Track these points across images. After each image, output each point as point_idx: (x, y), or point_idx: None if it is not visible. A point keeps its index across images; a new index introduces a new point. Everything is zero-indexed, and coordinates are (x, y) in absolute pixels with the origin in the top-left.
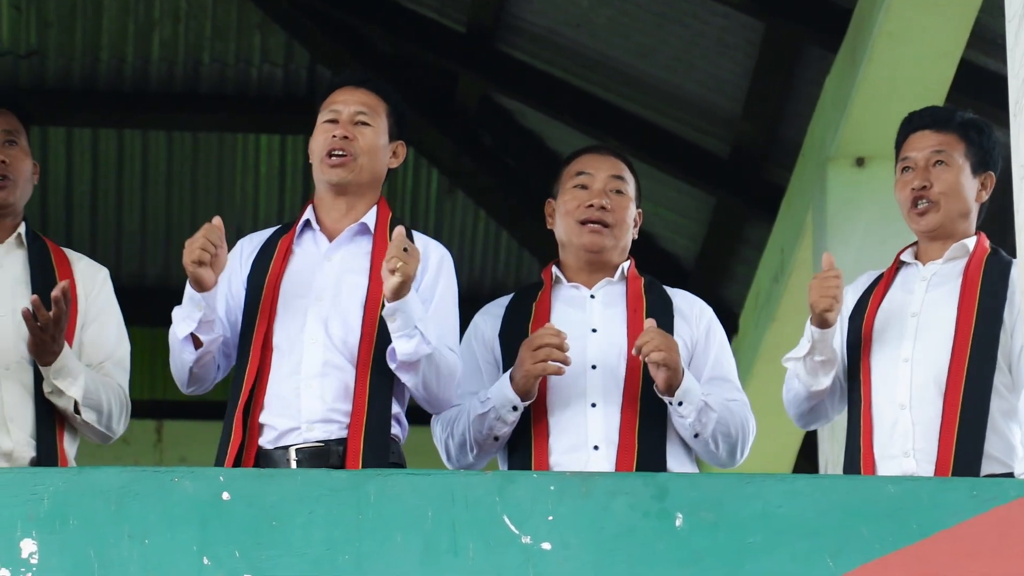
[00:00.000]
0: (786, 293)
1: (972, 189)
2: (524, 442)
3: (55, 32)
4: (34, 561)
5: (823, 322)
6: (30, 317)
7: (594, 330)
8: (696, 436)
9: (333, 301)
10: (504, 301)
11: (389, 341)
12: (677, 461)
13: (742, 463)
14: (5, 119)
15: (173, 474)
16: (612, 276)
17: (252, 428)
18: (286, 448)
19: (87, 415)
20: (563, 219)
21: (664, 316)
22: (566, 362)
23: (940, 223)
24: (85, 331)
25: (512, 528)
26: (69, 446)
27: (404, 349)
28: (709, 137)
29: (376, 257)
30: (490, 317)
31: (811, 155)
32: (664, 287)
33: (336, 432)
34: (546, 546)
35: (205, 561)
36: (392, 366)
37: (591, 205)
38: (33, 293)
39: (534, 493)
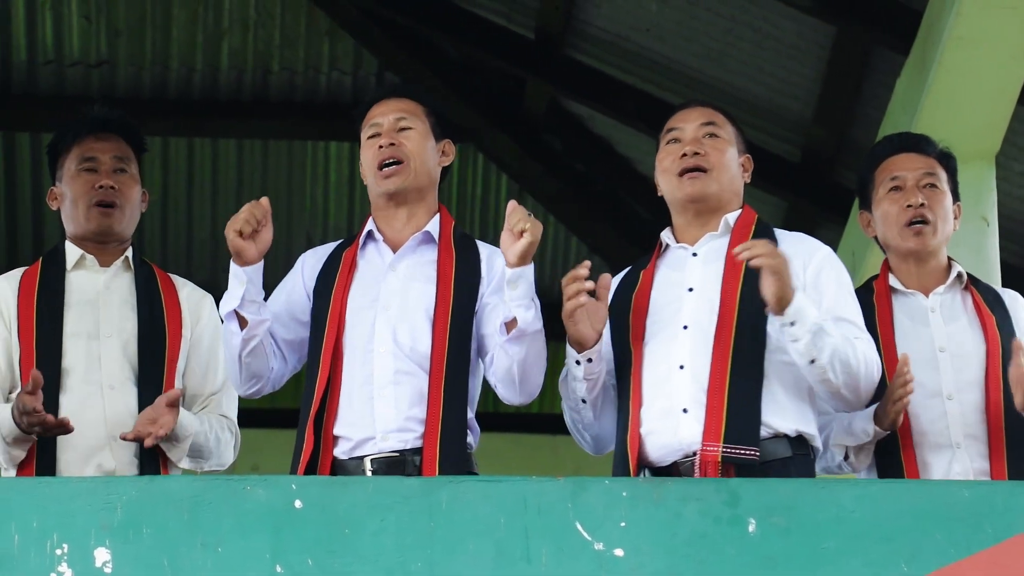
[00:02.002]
0: None
1: (952, 218)
2: (624, 408)
3: (125, 42)
4: (108, 570)
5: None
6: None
7: (690, 289)
8: (812, 362)
9: (400, 309)
10: (621, 275)
11: (460, 347)
12: (780, 419)
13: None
14: (116, 145)
15: (245, 482)
16: (716, 230)
17: (326, 439)
18: (361, 458)
19: (188, 464)
20: (663, 178)
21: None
22: (580, 304)
23: (936, 246)
24: (196, 364)
25: (585, 535)
26: (173, 466)
27: (525, 317)
28: (780, 141)
29: (442, 265)
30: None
31: None
32: (778, 232)
33: (412, 442)
34: (619, 552)
35: (278, 569)
36: (501, 339)
37: (684, 154)
38: (139, 315)
39: (606, 499)
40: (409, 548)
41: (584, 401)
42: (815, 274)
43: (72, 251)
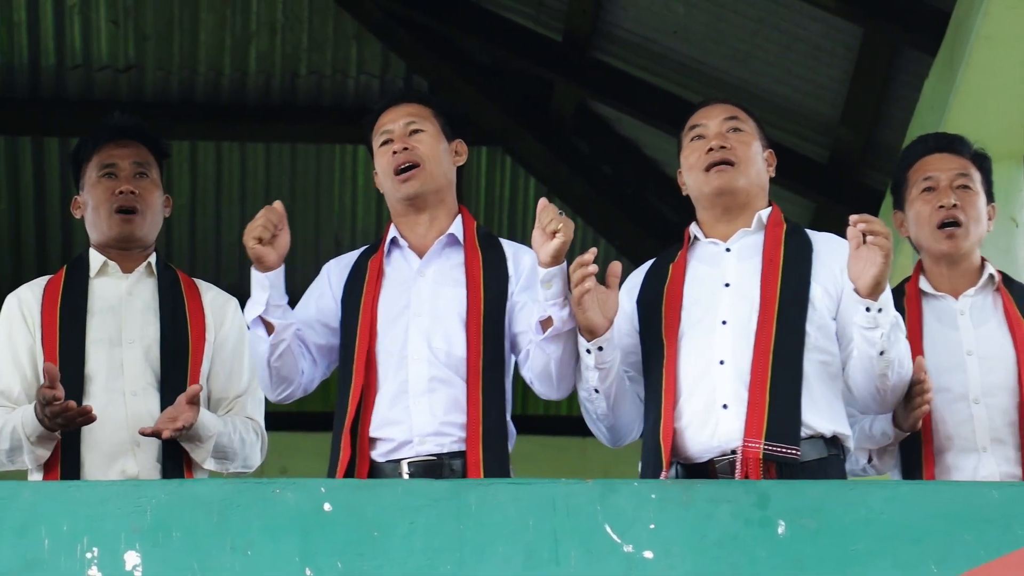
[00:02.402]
0: None
1: (986, 219)
2: (654, 402)
3: (153, 46)
4: (138, 573)
5: None
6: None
7: (727, 284)
8: (882, 353)
9: (432, 315)
10: (644, 267)
11: (495, 349)
12: (817, 416)
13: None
14: (136, 151)
15: (275, 485)
16: (749, 226)
17: (362, 444)
18: (398, 461)
19: (214, 466)
20: (689, 174)
21: (802, 264)
22: (586, 290)
23: (968, 248)
24: (220, 367)
25: (614, 537)
26: (198, 469)
27: (560, 316)
28: (807, 142)
29: (470, 267)
30: (628, 285)
31: None
32: (809, 232)
33: (448, 445)
34: (648, 555)
35: (307, 572)
36: (537, 338)
37: (710, 149)
38: (161, 321)
39: (636, 501)
40: (438, 550)
41: (597, 391)
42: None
43: (95, 258)
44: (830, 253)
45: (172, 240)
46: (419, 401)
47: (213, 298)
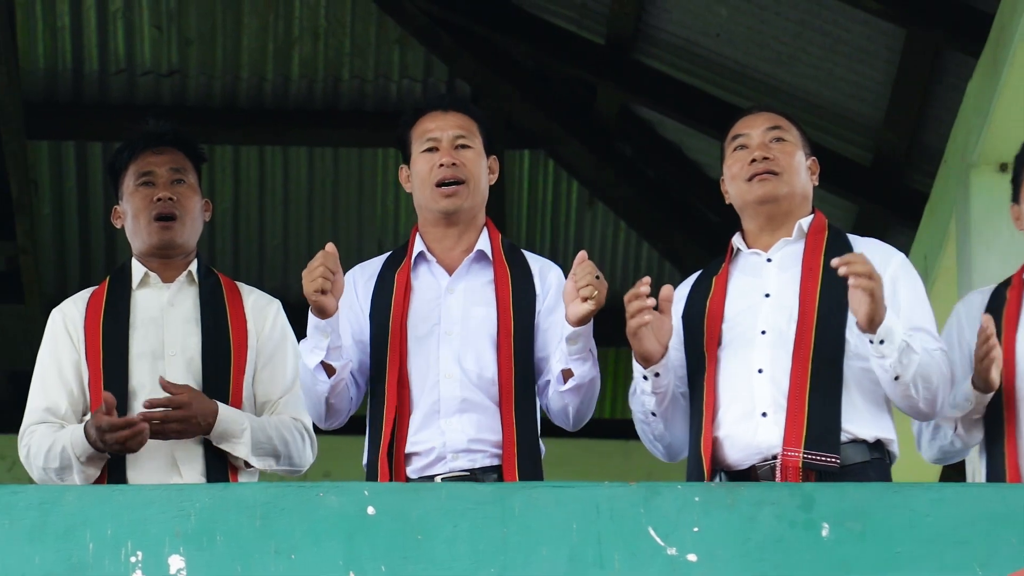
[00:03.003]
0: (930, 300)
1: None
2: (696, 412)
3: (196, 51)
4: None
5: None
6: (154, 404)
7: (767, 295)
8: (896, 379)
9: (463, 335)
10: (690, 281)
11: (524, 370)
12: (859, 424)
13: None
14: (172, 157)
15: (318, 489)
16: (790, 235)
17: (397, 465)
18: (431, 477)
19: (260, 464)
20: (733, 184)
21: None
22: (644, 323)
23: None
24: (263, 369)
25: (658, 540)
26: (244, 480)
27: (581, 371)
28: (850, 145)
29: (500, 286)
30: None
31: (954, 161)
32: (851, 237)
33: (480, 460)
34: (692, 557)
35: (351, 575)
36: (558, 386)
37: (753, 160)
38: (203, 331)
39: (679, 504)
40: (482, 554)
41: (654, 414)
42: (892, 282)
43: (137, 269)
44: (871, 259)
45: (215, 245)
46: (450, 421)
47: (255, 301)
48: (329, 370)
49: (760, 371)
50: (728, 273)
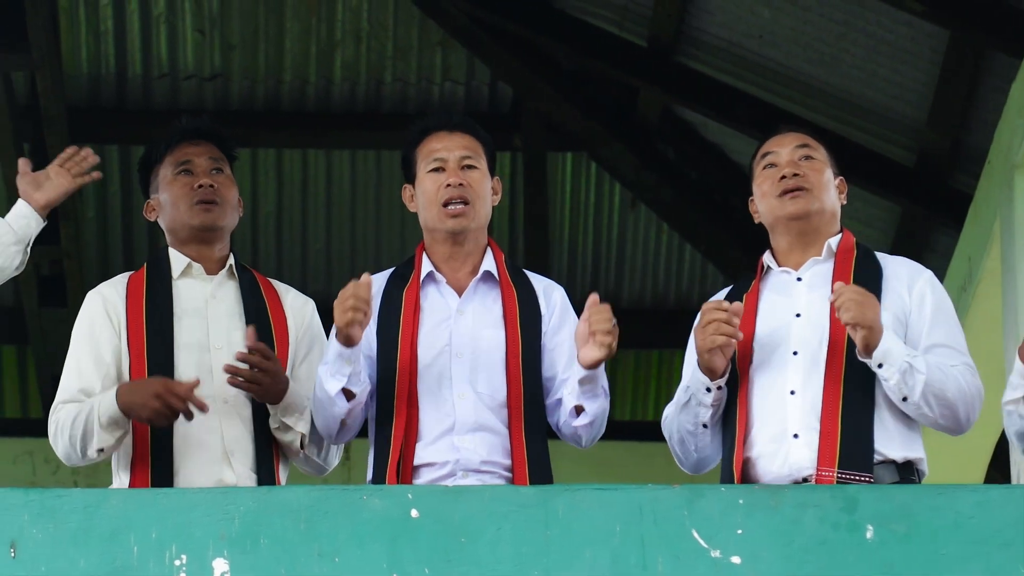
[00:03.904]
0: (974, 302)
1: None
2: (729, 431)
3: (239, 55)
4: None
5: None
6: (246, 357)
7: (798, 315)
8: (904, 400)
9: (473, 357)
10: (719, 297)
11: (534, 390)
12: (891, 444)
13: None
14: (209, 149)
15: (362, 492)
16: (820, 254)
17: (404, 479)
18: None
19: (310, 450)
20: (763, 201)
21: (872, 291)
22: (734, 335)
23: None
24: (299, 367)
25: (701, 542)
26: (283, 476)
27: (592, 407)
28: (894, 146)
29: (507, 307)
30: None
31: (998, 162)
32: (880, 256)
33: (489, 481)
34: (736, 560)
35: None
36: (572, 422)
37: (783, 177)
38: (247, 325)
39: (723, 506)
40: (525, 556)
41: (705, 426)
42: (919, 298)
43: (178, 259)
44: (897, 277)
45: (258, 248)
46: (464, 439)
47: (293, 300)
48: (348, 395)
49: (792, 392)
50: (758, 291)
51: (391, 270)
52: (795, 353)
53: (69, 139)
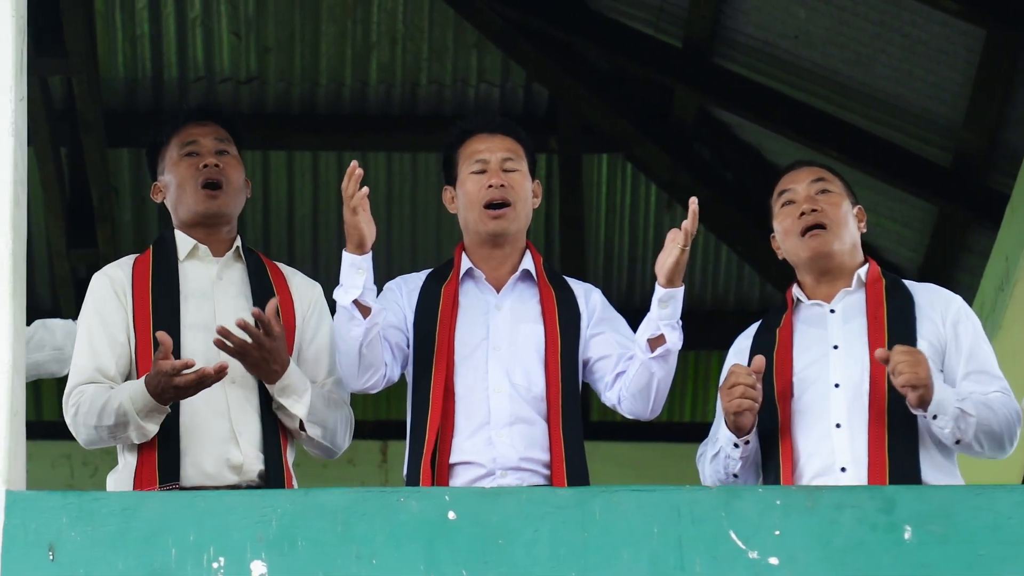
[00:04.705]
0: (1012, 302)
1: None
2: (772, 466)
3: (274, 58)
4: None
5: None
6: (247, 326)
7: (835, 347)
8: (958, 443)
9: (511, 350)
10: (750, 331)
11: (572, 386)
12: (935, 472)
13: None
14: (215, 129)
15: (399, 494)
16: (849, 285)
17: (440, 475)
18: None
19: (312, 431)
20: (785, 240)
21: (906, 320)
22: (757, 400)
23: None
24: (306, 350)
25: (739, 543)
26: (290, 457)
27: (671, 337)
28: (930, 146)
29: (545, 303)
30: (735, 350)
31: None
32: (908, 284)
33: (528, 479)
34: (773, 561)
35: None
36: (645, 356)
37: (802, 213)
38: (255, 306)
39: (760, 508)
40: (563, 558)
41: (736, 476)
42: (953, 325)
43: (183, 240)
44: (931, 305)
45: (295, 250)
46: (501, 433)
47: (299, 284)
48: (364, 311)
49: (838, 425)
50: (792, 325)
51: (429, 270)
52: (837, 386)
53: (105, 143)
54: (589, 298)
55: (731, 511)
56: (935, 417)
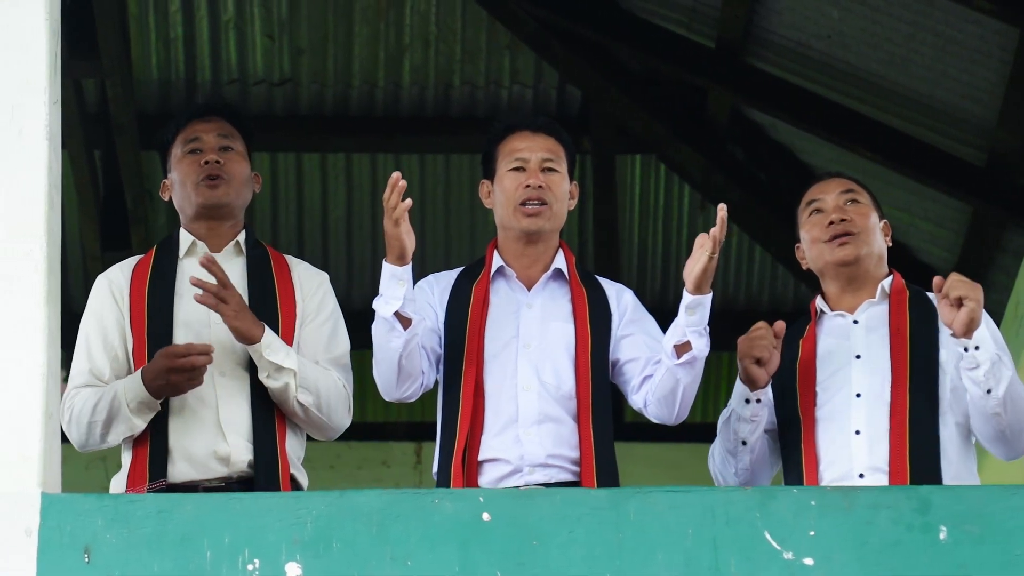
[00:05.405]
0: None
1: None
2: (794, 473)
3: (307, 60)
4: None
5: None
6: (200, 282)
7: (858, 356)
8: (988, 392)
9: (540, 348)
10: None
11: (601, 384)
12: (956, 481)
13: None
14: (219, 125)
15: (433, 495)
16: (873, 296)
17: (470, 472)
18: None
19: (304, 396)
20: (811, 248)
21: (928, 331)
22: (775, 348)
23: None
24: (302, 330)
25: (774, 544)
26: (292, 448)
27: (698, 344)
28: (964, 146)
29: (576, 302)
30: None
31: None
32: (932, 296)
33: (556, 475)
34: (808, 562)
35: None
36: (671, 362)
37: (831, 223)
38: (250, 300)
39: (795, 508)
40: (597, 559)
41: (744, 443)
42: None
43: (184, 238)
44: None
45: (329, 252)
46: (529, 431)
47: (302, 272)
48: (404, 323)
49: (857, 432)
50: (815, 336)
51: (461, 268)
52: (858, 395)
53: (139, 145)
54: (621, 298)
55: (766, 512)
56: (977, 348)
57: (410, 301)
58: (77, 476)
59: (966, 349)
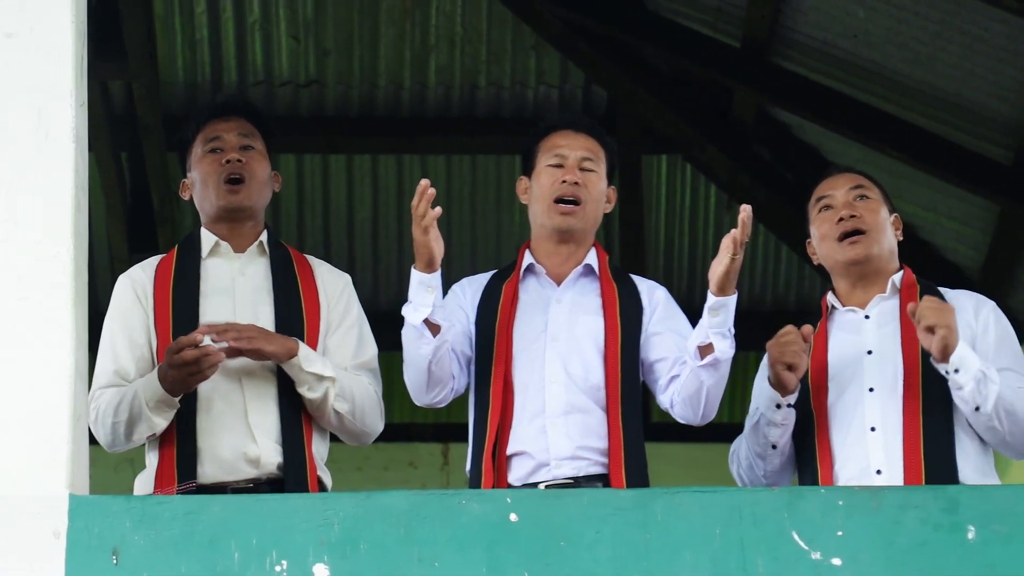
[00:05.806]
0: None
1: None
2: (809, 470)
3: (333, 61)
4: None
5: None
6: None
7: (869, 351)
8: (977, 409)
9: (569, 341)
10: None
11: (631, 377)
12: (973, 474)
13: None
14: (239, 124)
15: (460, 496)
16: (884, 291)
17: (500, 467)
18: (535, 485)
19: (340, 405)
20: (822, 245)
21: None
22: (806, 353)
23: None
24: (329, 338)
25: (801, 544)
26: (319, 449)
27: (721, 346)
28: (991, 144)
29: (606, 296)
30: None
31: None
32: (943, 290)
33: (585, 468)
34: (836, 562)
35: None
36: (694, 363)
37: (840, 219)
38: (275, 300)
39: (823, 508)
40: (625, 560)
41: (775, 447)
42: (984, 324)
43: (207, 238)
44: (963, 309)
45: (355, 254)
46: (555, 423)
47: (325, 274)
48: (434, 329)
49: (873, 429)
50: (827, 331)
51: (495, 271)
52: (871, 390)
53: (165, 147)
54: (653, 295)
55: (793, 512)
56: (956, 371)
57: (439, 308)
58: (105, 478)
59: (947, 372)
